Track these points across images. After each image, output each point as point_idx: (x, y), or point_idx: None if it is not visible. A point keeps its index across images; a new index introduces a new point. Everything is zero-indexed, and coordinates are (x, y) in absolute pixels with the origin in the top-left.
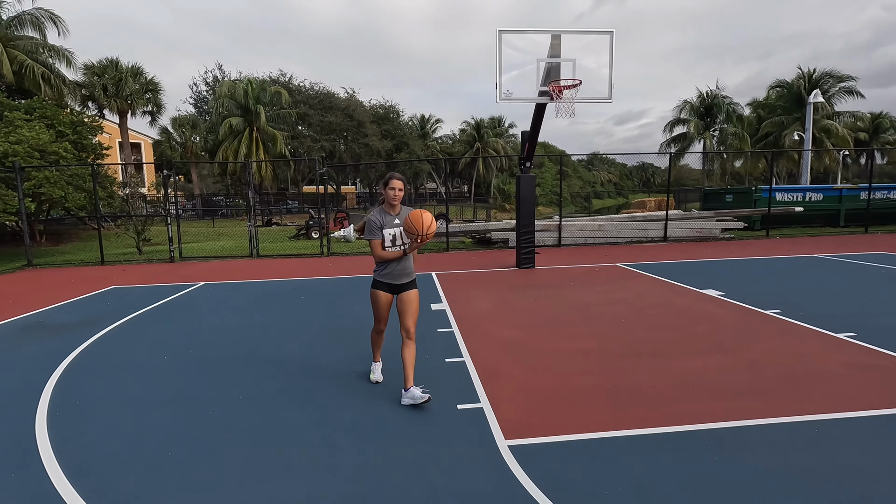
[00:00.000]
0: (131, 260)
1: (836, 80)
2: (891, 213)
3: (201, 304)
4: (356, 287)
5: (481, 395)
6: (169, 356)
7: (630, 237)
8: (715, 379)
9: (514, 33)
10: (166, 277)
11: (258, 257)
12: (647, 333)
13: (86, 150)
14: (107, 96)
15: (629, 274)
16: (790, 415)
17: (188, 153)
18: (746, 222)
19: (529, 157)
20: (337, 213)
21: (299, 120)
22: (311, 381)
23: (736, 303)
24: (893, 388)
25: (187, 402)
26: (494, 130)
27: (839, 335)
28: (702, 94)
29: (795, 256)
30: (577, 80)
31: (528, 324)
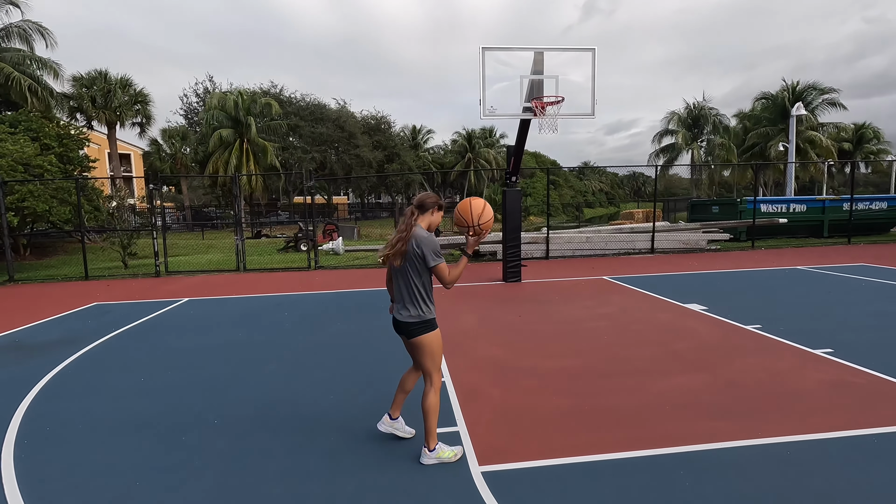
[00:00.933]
0: (116, 275)
1: (819, 92)
2: (872, 223)
3: (183, 322)
4: (341, 302)
5: (458, 419)
6: (146, 378)
7: (618, 249)
8: (693, 399)
9: (498, 50)
10: (150, 293)
11: (245, 271)
12: (630, 350)
13: (72, 163)
14: (95, 108)
15: (615, 288)
16: (765, 436)
17: (178, 164)
18: (732, 234)
19: (515, 171)
20: (326, 225)
21: (290, 131)
22: (288, 405)
23: (718, 318)
24: (865, 407)
25: (160, 428)
26: (486, 141)
27: (817, 351)
28: (689, 106)
29: (779, 269)
30: (560, 97)
31: (511, 341)
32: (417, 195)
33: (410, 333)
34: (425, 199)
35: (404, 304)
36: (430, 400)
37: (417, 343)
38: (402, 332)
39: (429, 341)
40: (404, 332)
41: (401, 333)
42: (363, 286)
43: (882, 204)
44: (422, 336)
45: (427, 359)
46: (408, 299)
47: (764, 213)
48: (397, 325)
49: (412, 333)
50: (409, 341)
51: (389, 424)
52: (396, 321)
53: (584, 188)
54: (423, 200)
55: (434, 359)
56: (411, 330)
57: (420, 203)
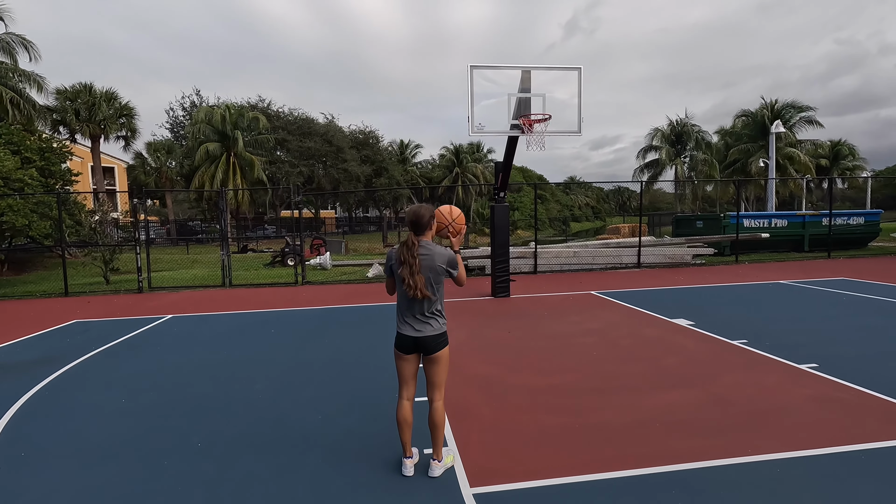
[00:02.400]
0: (97, 291)
1: (796, 110)
2: (850, 237)
3: (166, 340)
4: (329, 318)
5: (449, 438)
6: (127, 399)
7: (605, 264)
8: (682, 416)
9: (485, 69)
10: (133, 310)
11: (231, 287)
12: (618, 367)
13: (54, 177)
14: (79, 121)
15: (602, 303)
16: (754, 454)
17: (163, 178)
18: (717, 248)
19: (503, 187)
20: (314, 239)
21: (277, 145)
22: (274, 427)
23: (705, 333)
24: (852, 423)
25: (142, 451)
26: (473, 156)
27: (802, 366)
28: (672, 123)
29: (763, 283)
30: (547, 115)
31: (501, 358)
32: (407, 214)
33: (436, 348)
34: (419, 218)
35: (426, 321)
36: (442, 412)
37: (440, 357)
38: (424, 348)
39: (447, 353)
40: (427, 348)
41: (417, 350)
42: (351, 302)
43: (859, 219)
44: (444, 349)
45: (444, 371)
46: (429, 314)
47: (747, 228)
48: (416, 343)
49: (437, 347)
50: (428, 357)
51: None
52: (416, 339)
53: (570, 202)
54: (417, 218)
55: (448, 370)
56: (438, 344)
57: (414, 222)
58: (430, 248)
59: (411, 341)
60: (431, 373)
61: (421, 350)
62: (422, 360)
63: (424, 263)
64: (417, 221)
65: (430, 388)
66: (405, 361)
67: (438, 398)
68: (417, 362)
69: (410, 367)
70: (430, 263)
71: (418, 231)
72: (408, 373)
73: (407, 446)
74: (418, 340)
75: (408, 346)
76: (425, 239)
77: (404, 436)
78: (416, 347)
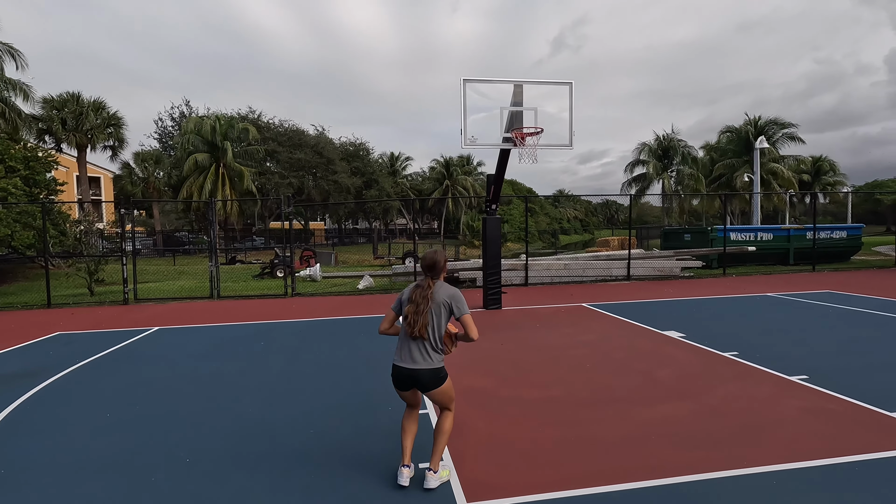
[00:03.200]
0: (81, 302)
1: (779, 126)
2: (834, 251)
3: (153, 353)
4: (319, 331)
5: (444, 454)
6: (112, 413)
7: (595, 276)
8: (677, 428)
9: (478, 83)
10: (118, 322)
11: (219, 298)
12: (612, 379)
13: (38, 186)
14: (65, 130)
15: (594, 315)
16: (749, 466)
17: (150, 188)
18: (704, 261)
19: (495, 199)
20: (303, 251)
21: (267, 156)
22: (264, 440)
23: (696, 345)
24: (842, 434)
25: (128, 467)
26: (463, 168)
27: (793, 378)
28: (658, 138)
29: (750, 295)
30: (539, 129)
31: (494, 370)
32: (423, 259)
33: (433, 385)
34: (435, 262)
35: (426, 353)
36: (449, 423)
37: (441, 391)
38: (421, 385)
39: (448, 384)
40: (424, 385)
41: (414, 387)
42: (341, 314)
43: (842, 233)
44: (442, 385)
45: (448, 397)
46: (430, 347)
47: (734, 242)
48: (413, 379)
49: (435, 384)
50: (428, 393)
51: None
52: (412, 375)
53: (559, 215)
54: (433, 263)
55: (453, 393)
56: (435, 380)
57: (431, 266)
58: (439, 287)
59: (407, 376)
60: (436, 402)
61: (418, 387)
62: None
63: (434, 299)
64: (434, 266)
65: (439, 408)
66: (404, 392)
67: (448, 412)
68: (415, 392)
69: (410, 396)
70: (437, 299)
71: (434, 275)
72: (409, 400)
73: (407, 453)
74: (415, 377)
75: (404, 382)
76: (439, 281)
77: (405, 441)
78: (414, 383)
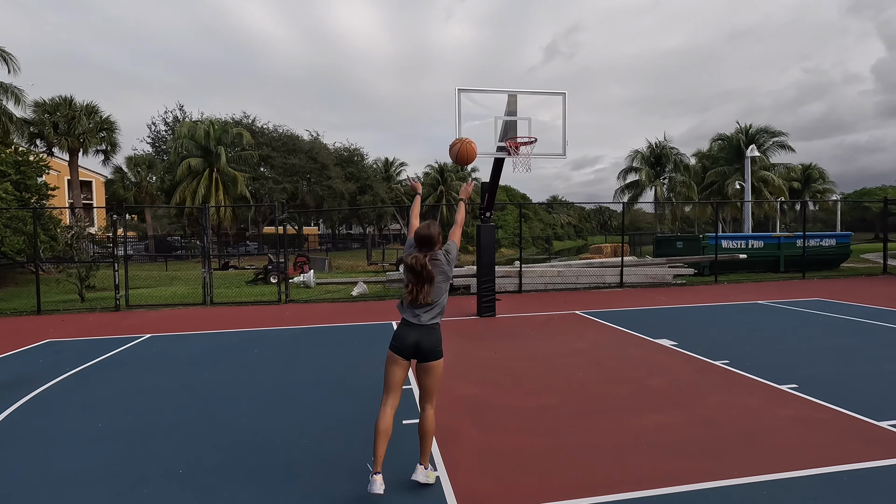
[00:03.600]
0: (72, 309)
1: (769, 135)
2: (823, 259)
3: (145, 360)
4: (313, 338)
5: (438, 461)
6: (103, 423)
7: (588, 283)
8: (669, 437)
9: (473, 92)
10: (109, 329)
11: (212, 305)
12: (605, 387)
13: (29, 191)
14: (57, 134)
15: (587, 322)
16: (741, 475)
17: (143, 193)
18: (696, 268)
19: (489, 207)
20: (297, 256)
21: (261, 161)
22: (258, 452)
23: (688, 353)
24: (832, 444)
25: (119, 479)
26: (458, 174)
27: (783, 387)
28: (651, 145)
29: (742, 303)
30: (533, 138)
31: (487, 378)
32: (416, 235)
33: (432, 356)
34: (431, 236)
35: (429, 326)
36: (433, 420)
37: (435, 366)
38: (421, 354)
39: (442, 364)
40: (424, 354)
41: (415, 356)
42: (336, 321)
43: (831, 241)
44: (440, 360)
45: (439, 381)
46: (432, 322)
47: (725, 249)
48: (417, 346)
49: (434, 356)
50: (423, 365)
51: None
52: (417, 342)
53: (553, 221)
54: (430, 237)
55: (441, 381)
56: (435, 352)
57: (427, 239)
58: (437, 255)
59: (412, 344)
60: (426, 382)
61: (418, 356)
62: (416, 369)
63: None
64: (429, 239)
65: (424, 398)
66: (398, 366)
67: (430, 407)
68: (407, 370)
69: (401, 373)
70: (439, 268)
71: (431, 249)
72: (397, 379)
73: (379, 461)
74: (419, 342)
75: (407, 350)
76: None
77: (379, 448)
78: (415, 352)
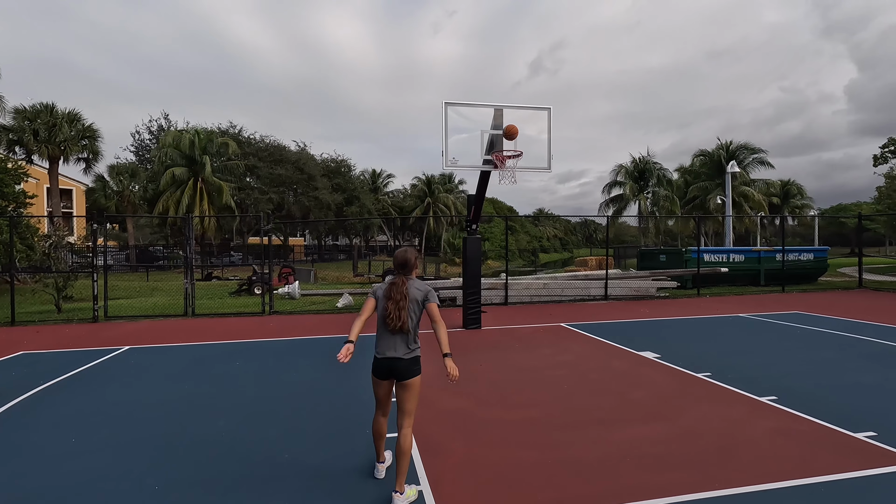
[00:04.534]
0: (48, 320)
1: (749, 151)
2: (802, 273)
3: (123, 373)
4: (298, 350)
5: (422, 476)
6: (78, 438)
7: (573, 295)
8: (653, 450)
9: (460, 106)
10: (86, 341)
11: (194, 316)
12: (589, 399)
13: (6, 199)
14: (37, 141)
15: (572, 335)
16: (722, 487)
17: (125, 202)
18: (679, 281)
19: (476, 219)
20: (282, 268)
21: (247, 171)
22: (238, 466)
23: (671, 366)
24: (810, 455)
25: (93, 497)
26: (445, 186)
27: (763, 399)
28: (635, 160)
29: (723, 316)
30: (519, 152)
31: (472, 391)
32: (395, 258)
33: (408, 374)
34: (406, 260)
35: (406, 344)
36: (410, 439)
37: (411, 384)
38: (397, 374)
39: (419, 382)
40: (400, 374)
41: (391, 376)
42: (320, 333)
43: (809, 255)
44: (416, 378)
45: (415, 399)
46: (411, 340)
47: (707, 263)
48: (391, 368)
49: (410, 374)
50: (401, 383)
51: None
52: (391, 365)
53: (539, 234)
54: (405, 261)
55: (418, 399)
56: (411, 371)
57: (403, 264)
58: (412, 284)
59: (386, 367)
60: (402, 399)
61: (395, 376)
62: (395, 386)
63: (411, 295)
64: (405, 263)
65: (401, 415)
66: (379, 386)
67: (408, 425)
68: (391, 387)
69: (384, 390)
70: (414, 296)
71: (407, 272)
72: (382, 395)
73: (380, 454)
74: (393, 366)
75: (383, 372)
76: (411, 278)
77: (378, 446)
78: (391, 373)
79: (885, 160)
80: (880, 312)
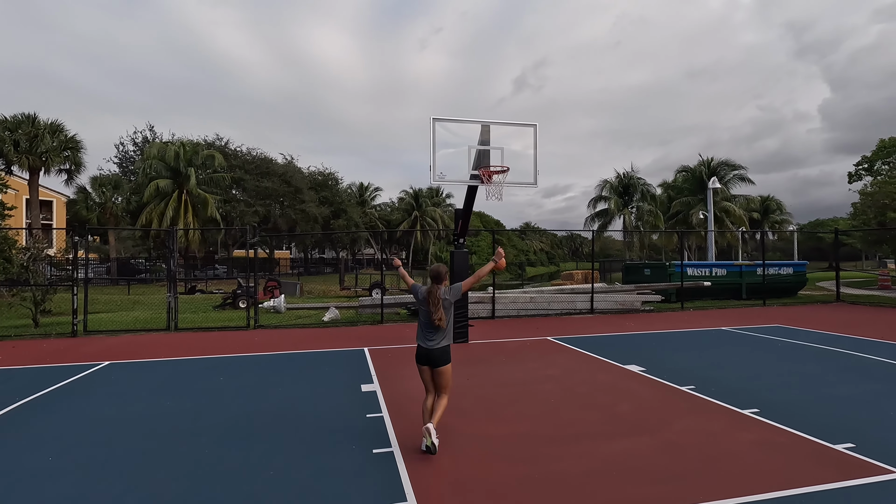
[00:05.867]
0: (24, 335)
1: (730, 167)
2: (782, 286)
3: (102, 389)
4: (283, 365)
5: (409, 492)
6: (54, 457)
7: (560, 309)
8: (638, 463)
9: (447, 121)
10: (65, 356)
11: (176, 330)
12: (575, 413)
13: None
14: (18, 152)
15: (559, 348)
16: (706, 500)
17: (107, 214)
18: (663, 295)
19: (463, 233)
20: (268, 281)
21: (233, 184)
22: (220, 484)
23: (656, 379)
24: (791, 466)
25: None
26: (432, 200)
27: (745, 411)
28: (619, 175)
29: (706, 329)
30: (506, 167)
31: (460, 406)
32: (430, 270)
33: (440, 362)
34: (440, 273)
35: (445, 336)
36: (445, 402)
37: (443, 370)
38: (433, 361)
39: (450, 368)
40: (434, 361)
41: (428, 363)
42: (306, 347)
43: (788, 270)
44: (447, 365)
45: (448, 380)
46: (447, 333)
47: (690, 277)
48: (428, 356)
49: (442, 362)
50: (437, 369)
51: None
52: (428, 353)
53: (525, 247)
54: (438, 273)
55: (451, 379)
56: (442, 360)
57: (437, 276)
58: (442, 291)
59: (424, 355)
60: (437, 381)
61: (430, 363)
62: (431, 371)
63: (443, 300)
64: (438, 275)
65: (438, 390)
66: (421, 371)
67: (444, 395)
68: (430, 372)
69: (426, 375)
70: (445, 297)
71: (439, 282)
72: (425, 379)
73: (426, 419)
74: (430, 354)
75: (422, 358)
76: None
77: (425, 416)
78: (427, 360)
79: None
80: (857, 326)
